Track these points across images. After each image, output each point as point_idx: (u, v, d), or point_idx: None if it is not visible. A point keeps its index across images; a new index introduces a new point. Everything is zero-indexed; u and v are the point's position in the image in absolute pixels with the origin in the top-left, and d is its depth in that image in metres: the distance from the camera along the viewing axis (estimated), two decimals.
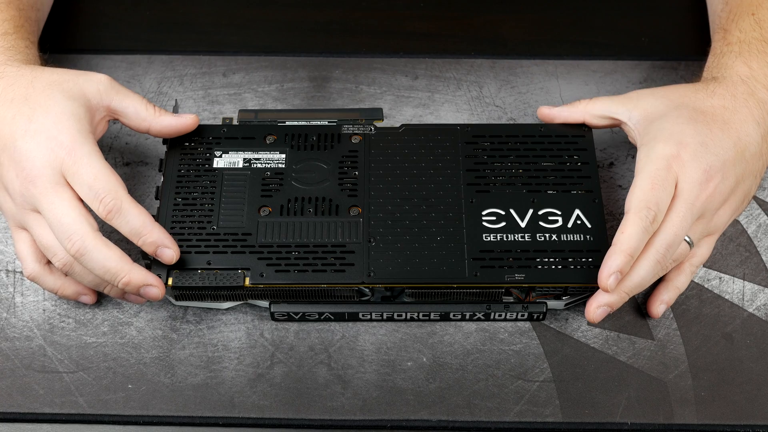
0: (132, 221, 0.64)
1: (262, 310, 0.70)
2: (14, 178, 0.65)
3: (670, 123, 0.67)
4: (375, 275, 0.66)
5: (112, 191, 0.64)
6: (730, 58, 0.71)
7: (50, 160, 0.64)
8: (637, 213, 0.63)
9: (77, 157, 0.64)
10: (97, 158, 0.65)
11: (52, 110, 0.66)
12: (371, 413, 0.66)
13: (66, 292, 0.68)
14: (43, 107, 0.66)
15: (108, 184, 0.64)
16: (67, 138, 0.64)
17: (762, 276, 0.71)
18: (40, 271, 0.67)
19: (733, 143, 0.66)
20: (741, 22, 0.73)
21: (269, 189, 0.70)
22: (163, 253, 0.65)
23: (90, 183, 0.64)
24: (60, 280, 0.67)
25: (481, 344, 0.68)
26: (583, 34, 0.86)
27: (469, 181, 0.70)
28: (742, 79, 0.69)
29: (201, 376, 0.67)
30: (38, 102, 0.66)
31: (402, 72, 0.82)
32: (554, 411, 0.66)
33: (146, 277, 0.64)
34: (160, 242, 0.64)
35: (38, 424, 0.65)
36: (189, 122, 0.71)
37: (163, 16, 0.87)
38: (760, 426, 0.65)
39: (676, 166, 0.65)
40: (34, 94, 0.67)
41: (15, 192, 0.65)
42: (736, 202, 0.68)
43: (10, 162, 0.65)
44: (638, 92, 0.71)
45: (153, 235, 0.64)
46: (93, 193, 0.64)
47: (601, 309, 0.65)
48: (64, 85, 0.67)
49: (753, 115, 0.68)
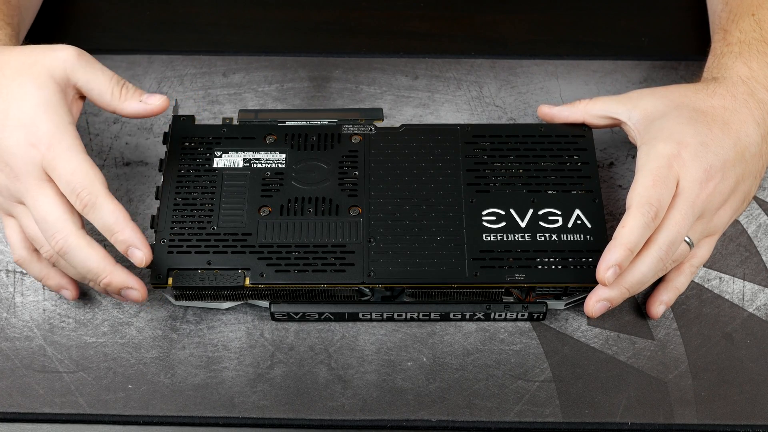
0: (105, 217, 0.63)
1: (262, 310, 0.70)
2: None
3: (671, 123, 0.67)
4: (375, 275, 0.66)
5: (88, 186, 0.63)
6: (730, 58, 0.71)
7: (31, 157, 0.63)
8: (639, 208, 0.63)
9: (57, 153, 0.63)
10: (77, 152, 0.64)
11: (27, 102, 0.64)
12: (371, 413, 0.66)
13: (49, 282, 0.68)
14: (17, 100, 0.65)
15: (85, 179, 0.63)
16: (46, 133, 0.64)
17: (762, 276, 0.71)
18: (28, 257, 0.67)
19: (733, 143, 0.66)
20: (741, 22, 0.73)
21: (269, 189, 0.70)
22: (134, 253, 0.63)
23: (68, 178, 0.63)
24: (46, 269, 0.67)
25: (481, 344, 0.68)
26: (583, 34, 0.86)
27: (469, 181, 0.70)
28: (742, 80, 0.69)
29: (201, 376, 0.67)
30: (11, 94, 0.65)
31: (402, 72, 0.82)
32: (554, 411, 0.66)
33: (127, 279, 0.64)
34: (131, 242, 0.63)
35: (38, 424, 0.65)
36: (157, 106, 0.68)
37: (163, 16, 0.87)
38: (760, 426, 0.65)
39: (677, 165, 0.65)
40: (4, 82, 0.65)
41: (1, 184, 0.65)
42: (736, 202, 0.68)
43: None
44: (638, 92, 0.71)
45: (125, 233, 0.63)
46: (70, 187, 0.63)
47: (600, 303, 0.65)
48: (32, 69, 0.66)
49: (753, 115, 0.68)
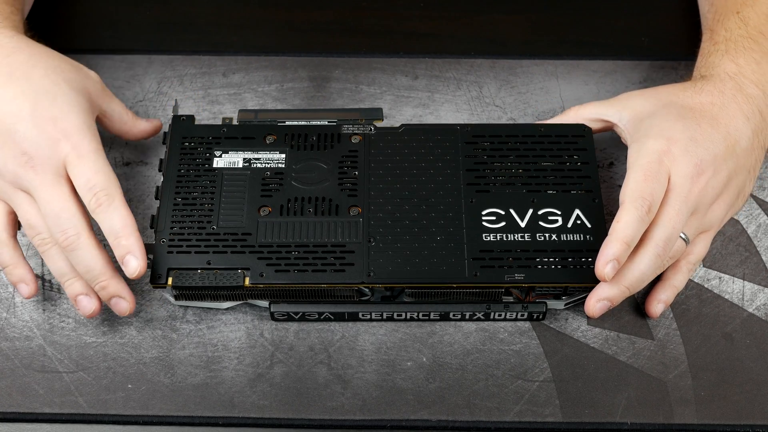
0: (115, 220, 0.64)
1: (262, 310, 0.70)
2: (9, 157, 0.65)
3: (659, 120, 0.67)
4: (375, 275, 0.66)
5: (107, 188, 0.64)
6: (717, 56, 0.72)
7: (55, 152, 0.64)
8: (632, 203, 0.63)
9: (83, 151, 0.65)
10: (101, 155, 0.66)
11: (60, 100, 0.66)
12: (371, 413, 0.66)
13: (14, 272, 0.67)
14: (48, 94, 0.66)
15: (106, 180, 0.64)
16: (75, 130, 0.65)
17: (762, 276, 0.71)
18: (6, 241, 0.67)
19: (723, 138, 0.67)
20: (726, 21, 0.74)
21: (269, 189, 0.70)
22: (129, 261, 0.64)
23: (89, 176, 0.64)
24: (17, 258, 0.67)
25: (480, 344, 0.68)
26: (583, 34, 0.86)
27: (469, 181, 0.70)
28: (729, 76, 0.70)
29: (201, 376, 0.67)
30: (43, 87, 0.66)
31: (402, 72, 0.82)
32: (554, 411, 0.66)
33: (122, 289, 0.66)
34: (132, 249, 0.64)
35: (38, 424, 0.65)
36: (156, 127, 0.75)
37: (163, 16, 0.87)
38: (760, 426, 0.65)
39: (668, 160, 0.65)
40: (36, 76, 0.67)
41: (5, 169, 0.65)
42: (730, 197, 0.68)
43: (6, 141, 0.65)
44: (628, 94, 0.72)
45: (129, 239, 0.64)
46: (89, 185, 0.64)
47: (600, 303, 0.65)
48: (66, 75, 0.68)
49: (742, 110, 0.68)
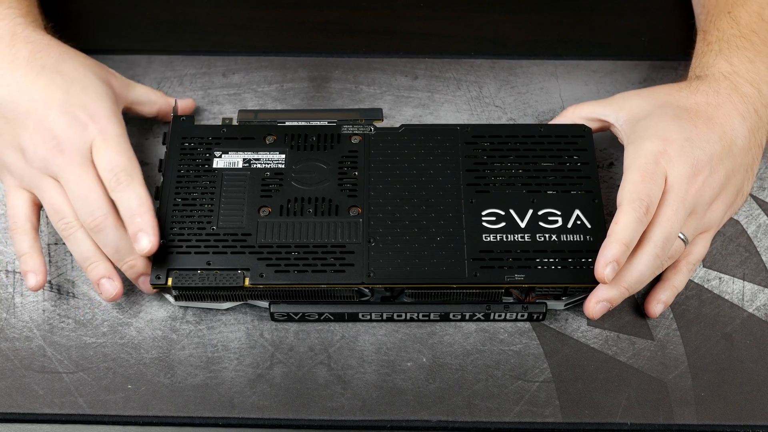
0: (132, 199, 0.66)
1: (261, 310, 0.70)
2: (39, 142, 0.67)
3: (655, 121, 0.67)
4: (375, 275, 0.66)
5: (128, 168, 0.67)
6: (711, 56, 0.72)
7: (83, 135, 0.67)
8: (630, 204, 0.63)
9: (109, 135, 0.68)
10: (125, 140, 0.69)
11: (90, 89, 0.69)
12: (371, 413, 0.66)
13: (27, 261, 0.68)
14: (79, 84, 0.69)
15: (128, 162, 0.67)
16: (102, 116, 0.68)
17: (762, 276, 0.71)
18: (27, 229, 0.68)
19: (719, 137, 0.67)
20: (718, 21, 0.74)
21: (269, 189, 0.70)
22: (141, 238, 0.65)
23: (112, 156, 0.67)
24: (33, 248, 0.68)
25: (480, 344, 0.68)
26: (583, 34, 0.86)
27: (469, 181, 0.70)
28: (724, 76, 0.70)
29: (201, 376, 0.67)
30: (74, 78, 0.69)
31: (402, 72, 0.82)
32: (554, 411, 0.66)
33: (148, 267, 0.67)
34: (144, 227, 0.65)
35: (38, 424, 0.65)
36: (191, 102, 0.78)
37: (163, 16, 0.87)
38: (760, 426, 0.65)
39: (664, 161, 0.65)
40: (66, 68, 0.70)
41: (35, 155, 0.67)
42: (728, 197, 0.68)
43: (37, 127, 0.67)
44: (624, 94, 0.72)
45: (144, 217, 0.66)
46: (111, 165, 0.67)
47: (600, 304, 0.65)
48: (94, 69, 0.72)
49: (737, 109, 0.68)
